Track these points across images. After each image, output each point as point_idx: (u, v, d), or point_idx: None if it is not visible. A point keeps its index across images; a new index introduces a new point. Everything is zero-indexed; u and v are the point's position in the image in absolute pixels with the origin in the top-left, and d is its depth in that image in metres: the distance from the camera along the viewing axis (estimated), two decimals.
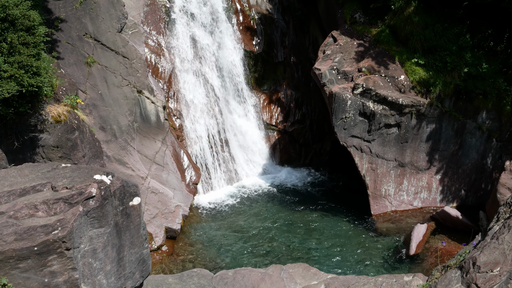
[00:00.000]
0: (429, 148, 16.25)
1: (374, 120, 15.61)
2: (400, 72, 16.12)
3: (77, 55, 15.19)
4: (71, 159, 12.51)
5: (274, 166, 20.47)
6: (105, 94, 15.52)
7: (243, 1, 20.79)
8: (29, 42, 10.74)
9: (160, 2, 19.01)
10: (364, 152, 16.05)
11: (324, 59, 16.88)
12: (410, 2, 16.48)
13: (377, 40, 16.88)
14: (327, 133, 20.97)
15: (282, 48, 21.21)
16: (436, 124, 15.98)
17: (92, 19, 15.89)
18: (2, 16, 10.28)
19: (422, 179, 16.55)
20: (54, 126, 12.10)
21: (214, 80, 19.45)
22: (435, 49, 16.04)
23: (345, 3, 17.99)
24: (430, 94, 15.80)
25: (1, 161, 10.52)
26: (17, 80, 10.24)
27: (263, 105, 20.49)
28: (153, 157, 16.34)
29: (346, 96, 15.51)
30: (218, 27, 19.83)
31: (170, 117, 18.15)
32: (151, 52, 18.17)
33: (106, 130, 15.32)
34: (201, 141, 18.79)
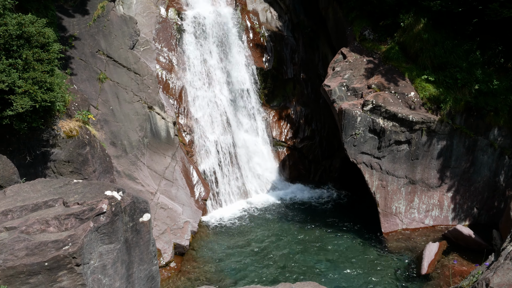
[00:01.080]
0: (440, 165, 16.10)
1: (384, 136, 15.54)
2: (410, 88, 16.10)
3: (89, 71, 15.41)
4: (81, 174, 12.58)
5: (283, 182, 20.40)
6: (117, 110, 15.68)
7: (254, 18, 21.03)
8: (43, 59, 10.92)
9: (172, 20, 19.30)
10: (374, 169, 15.94)
11: (333, 75, 16.93)
12: (419, 19, 16.53)
13: (386, 57, 16.92)
14: (336, 150, 20.90)
15: (291, 65, 21.34)
16: (447, 141, 15.86)
17: (105, 36, 16.16)
18: (18, 33, 10.49)
19: (433, 197, 16.36)
20: (65, 141, 12.20)
21: (224, 96, 19.58)
22: (445, 66, 16.02)
23: (355, 20, 18.10)
24: (440, 110, 15.72)
25: (13, 175, 10.60)
26: (31, 96, 10.38)
27: (273, 121, 20.53)
28: (163, 173, 16.38)
29: (356, 112, 15.49)
30: (228, 44, 20.04)
31: (180, 132, 18.25)
32: (162, 69, 18.38)
33: (117, 145, 15.43)
34: (211, 157, 18.82)
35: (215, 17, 20.09)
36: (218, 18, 20.12)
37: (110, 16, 16.57)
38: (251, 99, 20.15)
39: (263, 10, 21.70)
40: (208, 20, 19.86)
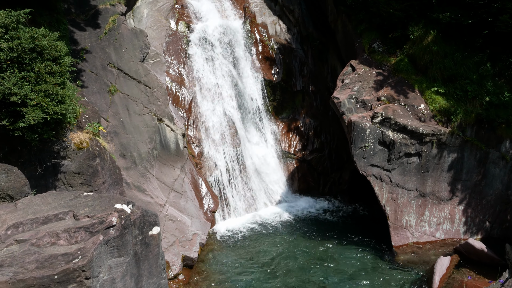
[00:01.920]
0: (451, 178, 15.93)
1: (394, 149, 15.45)
2: (420, 100, 16.02)
3: (100, 84, 15.57)
4: (91, 185, 12.63)
5: (292, 194, 20.31)
6: (126, 122, 15.79)
7: (263, 31, 21.17)
8: (55, 72, 11.06)
9: (182, 33, 19.50)
10: (384, 182, 15.81)
11: (342, 88, 16.92)
12: (428, 31, 16.52)
13: (396, 69, 16.89)
14: (346, 162, 20.80)
15: (300, 77, 21.38)
16: (458, 153, 15.71)
17: (116, 49, 16.35)
18: (31, 46, 10.65)
19: (444, 210, 16.17)
20: (76, 153, 12.29)
21: (233, 108, 19.64)
22: (455, 78, 15.95)
23: (364, 33, 18.14)
24: (451, 123, 15.61)
25: (24, 186, 10.66)
26: (42, 108, 10.49)
27: (282, 133, 20.52)
28: (172, 185, 16.40)
29: (365, 124, 15.43)
30: (237, 57, 20.17)
31: (189, 144, 18.30)
32: (172, 81, 18.51)
33: (126, 157, 15.50)
34: (220, 169, 18.82)
35: (224, 30, 20.25)
36: (228, 31, 20.28)
37: (121, 29, 16.78)
38: (260, 111, 20.19)
39: (272, 23, 21.84)
40: (217, 33, 20.04)
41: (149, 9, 19.63)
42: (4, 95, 10.07)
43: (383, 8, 16.68)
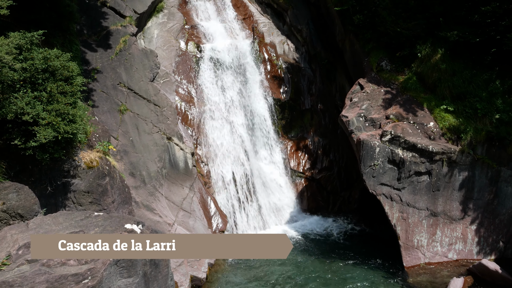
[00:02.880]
0: (462, 197, 15.73)
1: (403, 167, 15.33)
2: (429, 119, 15.96)
3: (111, 103, 15.75)
4: (100, 204, 12.65)
5: (301, 213, 20.16)
6: (136, 141, 15.89)
7: (271, 51, 21.37)
8: (67, 91, 11.22)
9: (191, 53, 19.75)
10: (394, 201, 15.65)
11: (351, 106, 16.93)
12: (436, 49, 16.56)
13: (404, 87, 16.90)
14: (355, 181, 20.66)
15: (309, 96, 21.46)
16: (469, 172, 15.54)
17: (127, 69, 16.58)
18: (44, 67, 10.84)
19: (456, 230, 15.91)
20: (86, 171, 12.36)
21: (242, 127, 19.71)
22: (464, 96, 15.90)
23: (371, 51, 18.23)
24: (461, 141, 15.50)
25: (34, 205, 10.71)
26: (54, 127, 10.62)
27: (291, 152, 20.49)
28: (181, 204, 16.38)
29: (374, 143, 15.37)
30: (246, 76, 20.33)
31: (198, 163, 18.33)
32: (181, 100, 18.67)
33: (136, 176, 15.55)
34: (228, 188, 18.79)
35: (233, 50, 20.48)
36: (236, 51, 20.51)
37: (132, 49, 17.04)
38: (269, 130, 20.23)
39: (280, 42, 22.07)
40: (226, 52, 20.26)
41: (159, 30, 19.96)
42: (16, 114, 10.22)
43: (390, 27, 16.79)
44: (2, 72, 9.77)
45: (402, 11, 16.51)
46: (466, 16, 15.76)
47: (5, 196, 10.14)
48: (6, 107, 10.11)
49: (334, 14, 19.91)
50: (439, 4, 16.20)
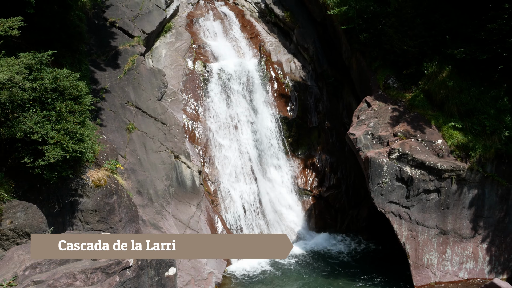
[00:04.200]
0: (472, 215, 15.51)
1: (412, 185, 15.19)
2: (437, 136, 15.87)
3: (119, 122, 15.88)
4: (108, 223, 12.64)
5: (309, 232, 19.96)
6: (144, 159, 15.94)
7: (278, 69, 21.52)
8: (75, 111, 11.34)
9: (199, 72, 19.94)
10: (403, 219, 15.47)
11: (358, 124, 16.91)
12: (443, 67, 16.56)
13: (411, 104, 16.86)
14: (363, 199, 20.49)
15: (316, 114, 21.49)
16: (479, 189, 15.36)
17: (135, 88, 16.76)
18: (53, 86, 10.99)
19: (467, 248, 15.64)
20: (93, 190, 12.39)
21: (249, 145, 19.73)
22: (472, 113, 15.82)
23: (378, 69, 18.27)
24: (470, 158, 15.36)
25: (42, 224, 10.74)
26: (62, 146, 10.70)
27: (298, 170, 20.43)
28: (188, 222, 16.32)
29: (382, 161, 15.29)
30: (253, 94, 20.44)
31: (205, 181, 18.31)
32: (189, 119, 18.78)
33: (143, 195, 15.55)
34: (236, 206, 18.71)
35: (240, 68, 20.65)
36: (243, 69, 20.67)
37: (140, 69, 17.25)
38: (276, 148, 20.22)
39: (287, 61, 22.23)
40: (233, 71, 20.43)
41: (167, 49, 20.22)
42: (26, 133, 10.33)
43: (397, 45, 16.85)
44: (12, 92, 9.92)
45: (408, 29, 16.60)
46: (472, 34, 15.79)
47: (13, 215, 10.18)
48: (15, 126, 10.23)
49: (340, 33, 20.06)
50: (445, 22, 16.26)
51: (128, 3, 19.02)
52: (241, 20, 23.30)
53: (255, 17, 23.90)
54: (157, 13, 19.66)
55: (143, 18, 19.01)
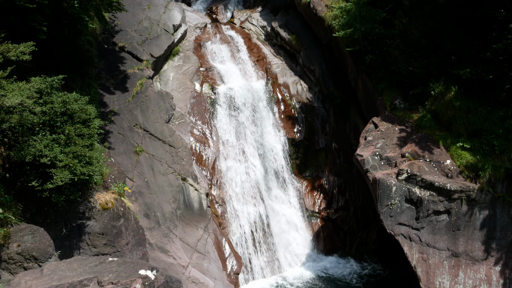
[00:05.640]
0: (484, 237, 15.24)
1: (421, 206, 15.01)
2: (446, 156, 15.75)
3: (126, 145, 15.96)
4: (114, 246, 12.57)
5: (317, 255, 19.69)
6: (151, 182, 15.95)
7: (284, 91, 21.65)
8: (84, 134, 11.44)
9: (206, 94, 20.11)
10: (414, 241, 15.23)
11: (366, 145, 16.85)
12: (450, 87, 16.56)
13: (419, 125, 16.81)
14: (372, 221, 20.25)
15: (323, 135, 21.47)
16: (490, 210, 15.13)
17: (143, 111, 16.90)
18: (63, 110, 11.12)
19: (479, 271, 15.31)
20: (101, 213, 12.37)
21: (257, 167, 19.69)
22: (480, 133, 15.72)
23: (384, 90, 18.32)
24: (479, 178, 15.19)
25: (49, 247, 10.70)
26: (70, 169, 10.75)
27: (306, 191, 20.30)
28: (195, 245, 16.18)
29: (391, 182, 15.16)
30: (260, 116, 20.52)
31: (212, 204, 18.23)
32: (196, 141, 18.84)
33: (150, 217, 15.50)
34: (243, 229, 18.55)
35: (247, 91, 20.80)
36: (250, 92, 20.82)
37: (148, 92, 17.44)
38: (283, 170, 20.16)
39: (294, 83, 22.38)
40: (240, 93, 20.58)
41: (175, 73, 20.47)
42: (35, 156, 10.40)
43: (402, 66, 16.93)
44: (23, 116, 10.04)
45: (413, 50, 16.69)
46: (478, 54, 15.84)
47: (20, 238, 10.17)
48: (25, 150, 10.32)
49: (346, 55, 20.22)
50: (450, 42, 16.35)
51: (137, 28, 19.38)
52: (247, 43, 23.60)
53: (261, 40, 24.21)
54: (165, 37, 19.99)
55: (152, 42, 19.32)
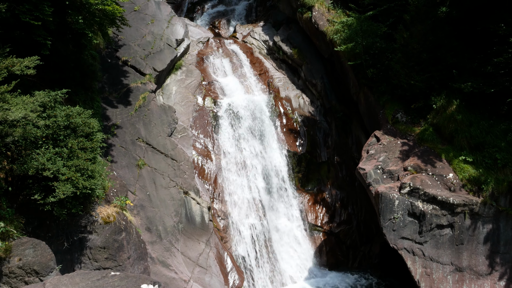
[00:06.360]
0: (488, 251, 15.11)
1: (424, 220, 14.93)
2: (448, 170, 15.72)
3: (129, 158, 16.00)
4: (116, 260, 12.52)
5: (320, 269, 19.53)
6: (153, 195, 15.94)
7: (286, 105, 21.74)
8: (87, 147, 11.49)
9: (208, 108, 20.20)
10: (417, 255, 15.11)
11: (368, 158, 16.84)
12: (451, 101, 16.61)
13: (421, 138, 16.82)
14: (375, 235, 20.11)
15: (325, 148, 21.48)
16: (493, 224, 15.03)
17: (145, 125, 16.97)
18: (66, 124, 11.19)
19: (484, 286, 15.14)
20: (103, 227, 12.36)
21: (259, 181, 19.67)
22: (482, 146, 15.70)
23: (386, 104, 18.38)
24: (482, 192, 15.12)
25: (50, 261, 10.67)
26: (73, 183, 10.77)
27: (308, 205, 20.23)
28: (197, 259, 16.09)
29: (393, 195, 15.11)
30: (262, 130, 20.57)
31: (214, 218, 18.18)
32: (198, 154, 18.87)
33: (152, 231, 15.45)
34: (245, 242, 18.46)
35: (249, 104, 20.90)
36: (252, 105, 20.91)
37: (151, 105, 17.54)
38: (285, 184, 20.13)
39: (296, 96, 22.48)
40: (242, 107, 20.67)
41: (177, 86, 20.60)
42: (37, 170, 10.44)
43: (404, 80, 17.01)
44: (26, 129, 10.11)
45: (415, 64, 16.79)
46: (479, 68, 15.92)
47: (22, 252, 10.15)
48: (28, 163, 10.37)
49: (348, 68, 20.33)
50: (451, 56, 16.45)
51: (140, 42, 19.58)
52: (250, 57, 23.78)
53: (263, 54, 24.40)
54: (168, 52, 20.18)
55: (155, 56, 19.50)
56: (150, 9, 20.96)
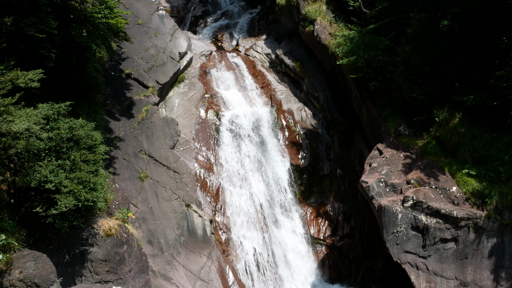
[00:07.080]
0: (493, 265, 14.95)
1: (428, 234, 14.81)
2: (452, 183, 15.64)
3: (131, 171, 15.99)
4: (117, 273, 12.43)
5: (323, 283, 19.35)
6: (155, 208, 15.89)
7: (289, 117, 21.77)
8: (89, 160, 11.49)
9: (211, 121, 20.25)
10: (420, 270, 14.96)
11: (370, 171, 16.79)
12: (454, 114, 16.60)
13: (424, 151, 16.78)
14: (378, 248, 19.95)
15: (327, 161, 21.44)
16: (498, 238, 14.88)
17: (148, 137, 17.00)
18: (69, 136, 11.22)
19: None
20: (104, 239, 12.30)
21: (261, 194, 19.61)
22: (486, 159, 15.64)
23: (388, 117, 18.38)
24: (486, 205, 15.02)
25: (51, 274, 10.59)
26: (75, 195, 10.75)
27: (310, 218, 20.12)
28: (198, 273, 15.97)
29: (396, 209, 15.02)
30: (265, 143, 20.58)
31: (216, 231, 18.08)
32: (201, 167, 18.86)
33: (154, 244, 15.37)
34: (247, 256, 18.33)
35: (251, 117, 20.94)
36: (255, 118, 20.95)
37: (153, 118, 17.59)
38: (287, 196, 20.05)
39: (298, 109, 22.52)
40: (245, 120, 20.71)
41: (180, 99, 20.69)
42: (40, 182, 10.43)
43: (406, 93, 17.04)
44: (29, 142, 10.13)
45: (417, 77, 16.83)
46: (481, 81, 15.94)
47: (23, 265, 10.09)
48: (30, 175, 10.37)
49: (350, 82, 20.40)
50: (454, 69, 16.49)
51: (143, 55, 19.72)
52: (252, 70, 23.90)
53: (266, 67, 24.52)
54: (171, 65, 20.30)
55: (158, 69, 19.62)
56: (154, 22, 21.15)
